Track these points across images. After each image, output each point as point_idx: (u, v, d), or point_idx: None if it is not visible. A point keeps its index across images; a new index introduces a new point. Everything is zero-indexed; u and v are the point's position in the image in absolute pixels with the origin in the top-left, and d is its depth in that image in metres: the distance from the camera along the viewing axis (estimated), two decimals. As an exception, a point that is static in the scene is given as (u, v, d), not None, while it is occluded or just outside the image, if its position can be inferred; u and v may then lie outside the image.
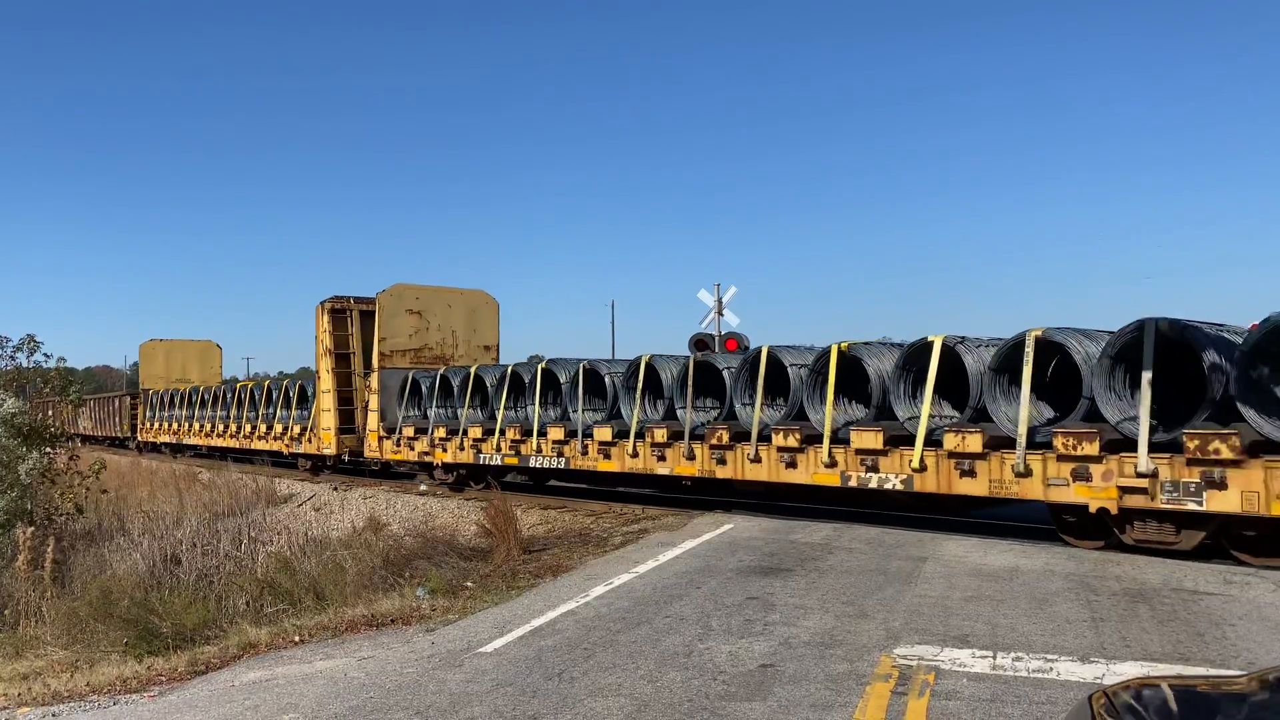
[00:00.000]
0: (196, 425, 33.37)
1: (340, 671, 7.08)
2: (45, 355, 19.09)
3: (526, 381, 17.97)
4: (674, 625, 7.71)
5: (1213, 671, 6.20)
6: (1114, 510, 10.43)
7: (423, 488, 20.28)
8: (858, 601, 8.30)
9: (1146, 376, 10.08)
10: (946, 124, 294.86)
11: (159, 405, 37.53)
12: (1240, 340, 10.01)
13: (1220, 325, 10.76)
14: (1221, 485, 9.55)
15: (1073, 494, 10.56)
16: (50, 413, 19.91)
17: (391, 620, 8.75)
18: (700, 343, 23.94)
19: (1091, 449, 10.42)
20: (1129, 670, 6.27)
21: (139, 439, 39.70)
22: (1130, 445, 10.21)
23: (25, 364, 18.43)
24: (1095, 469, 10.42)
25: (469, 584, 10.28)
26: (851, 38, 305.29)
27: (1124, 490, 10.23)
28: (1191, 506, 9.79)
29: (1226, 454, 9.50)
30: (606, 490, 18.44)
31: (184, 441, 34.83)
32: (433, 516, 17.47)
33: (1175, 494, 9.95)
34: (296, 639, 8.41)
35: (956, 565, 9.75)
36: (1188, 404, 10.40)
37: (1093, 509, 10.50)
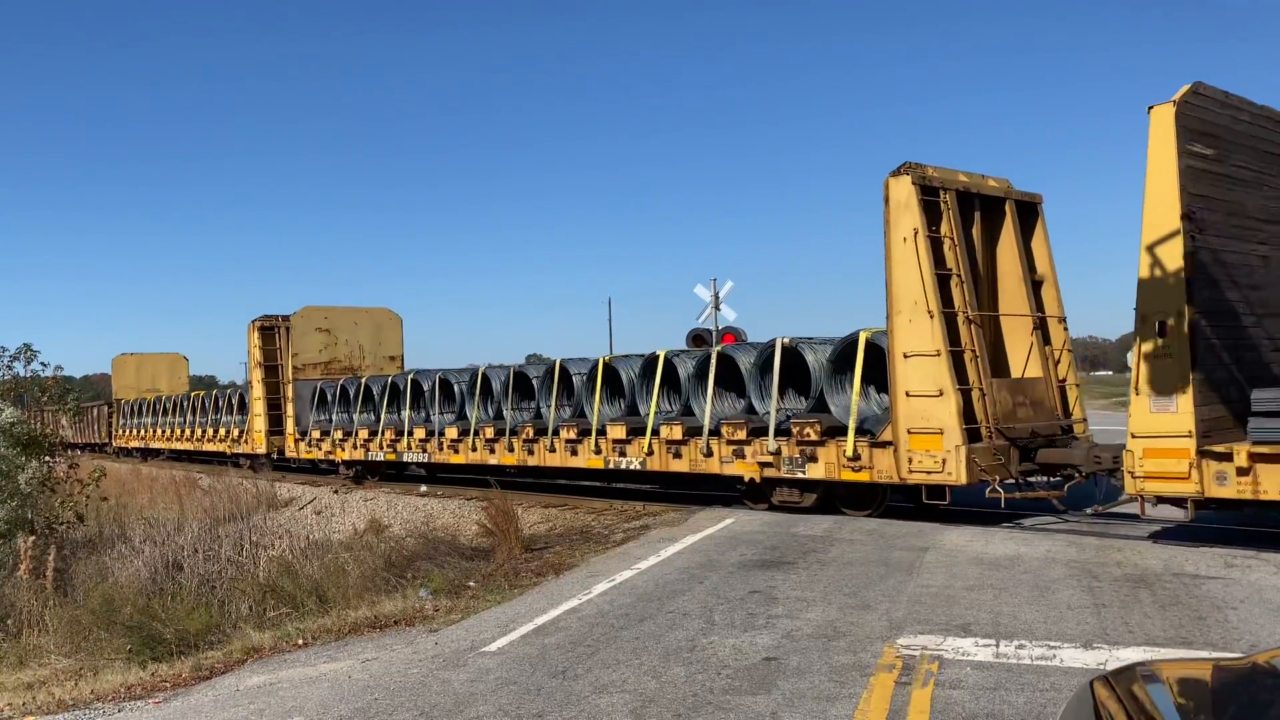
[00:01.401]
0: (161, 430, 36.82)
1: (344, 674, 7.08)
2: (42, 364, 19.06)
3: (402, 390, 21.50)
4: (677, 620, 7.71)
5: (1215, 655, 6.21)
6: (759, 479, 13.61)
7: (422, 489, 20.30)
8: (860, 593, 8.30)
9: (775, 379, 13.65)
10: (947, 124, 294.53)
11: (130, 414, 41.54)
12: (830, 350, 13.38)
13: (827, 339, 13.82)
14: (814, 459, 12.89)
15: (736, 469, 13.87)
16: (45, 419, 19.88)
17: (394, 621, 8.75)
18: (698, 338, 23.92)
19: (742, 435, 13.78)
20: (1132, 655, 6.28)
21: (114, 444, 43.10)
22: (782, 430, 13.41)
23: (23, 373, 18.40)
24: (747, 449, 13.69)
25: (471, 584, 10.28)
26: (851, 38, 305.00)
27: (763, 465, 13.46)
28: (800, 475, 13.07)
29: (813, 436, 12.87)
30: (473, 480, 19.94)
31: (150, 446, 38.08)
32: (434, 517, 17.46)
33: (791, 466, 13.27)
34: (300, 642, 8.41)
35: (958, 554, 9.77)
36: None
37: (747, 479, 13.75)
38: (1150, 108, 9.83)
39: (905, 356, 11.81)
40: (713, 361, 14.58)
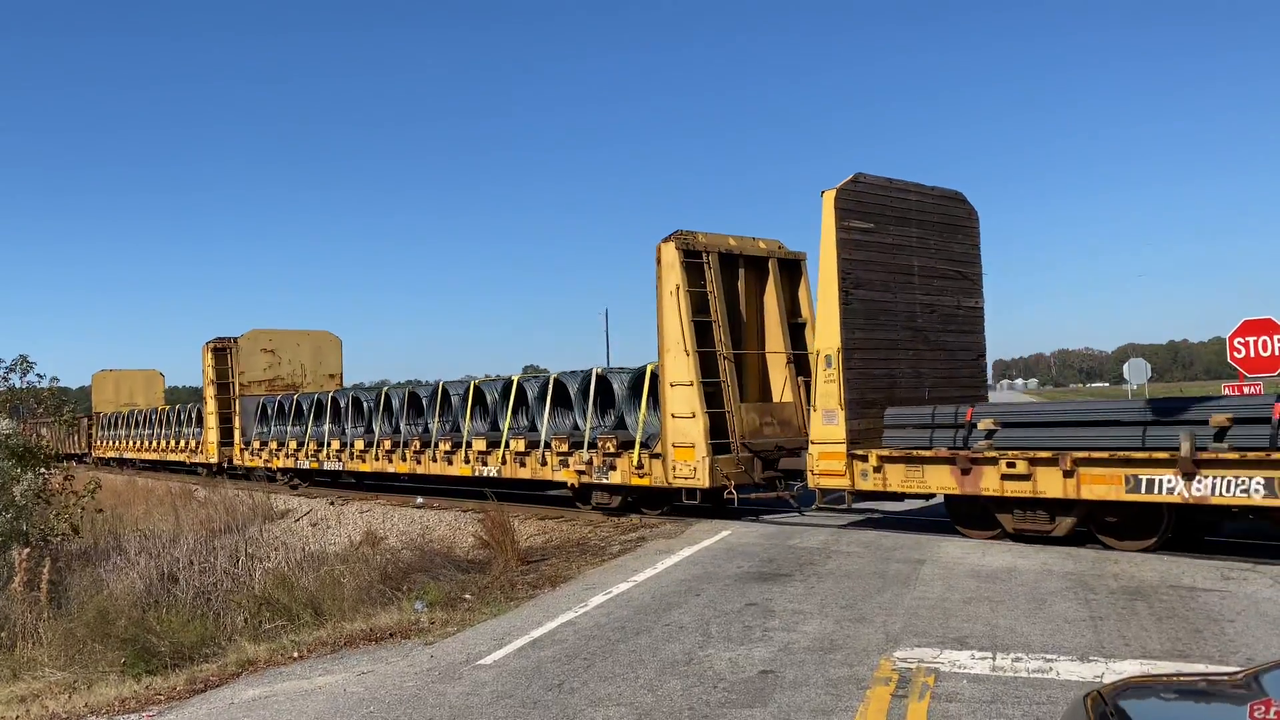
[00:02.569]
0: (133, 442, 39.88)
1: (339, 687, 7.06)
2: (39, 375, 19.02)
3: (325, 406, 24.49)
4: (673, 633, 7.70)
5: (1210, 669, 6.21)
6: (578, 484, 16.34)
7: (419, 501, 20.26)
8: (856, 605, 8.30)
9: (590, 402, 16.36)
10: (946, 123, 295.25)
11: (107, 425, 43.82)
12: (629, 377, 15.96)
13: (629, 368, 16.36)
14: (614, 467, 15.48)
15: (562, 475, 16.47)
16: (41, 431, 19.84)
17: (390, 634, 8.72)
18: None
19: (564, 448, 16.49)
20: (1128, 668, 6.28)
21: (93, 454, 44.87)
22: (594, 444, 15.97)
23: (19, 384, 18.36)
24: (570, 459, 16.30)
25: (467, 596, 10.25)
26: (850, 40, 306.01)
27: (580, 472, 16.10)
28: (606, 480, 15.70)
29: (612, 449, 15.49)
30: (400, 488, 23.81)
31: (125, 455, 40.56)
32: (430, 529, 17.42)
33: (599, 473, 15.80)
34: (295, 655, 8.37)
35: (954, 567, 9.76)
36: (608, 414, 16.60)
37: (569, 484, 16.45)
38: (822, 192, 12.43)
39: (671, 385, 14.42)
40: (550, 386, 17.55)
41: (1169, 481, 9.65)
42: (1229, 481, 9.37)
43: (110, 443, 43.03)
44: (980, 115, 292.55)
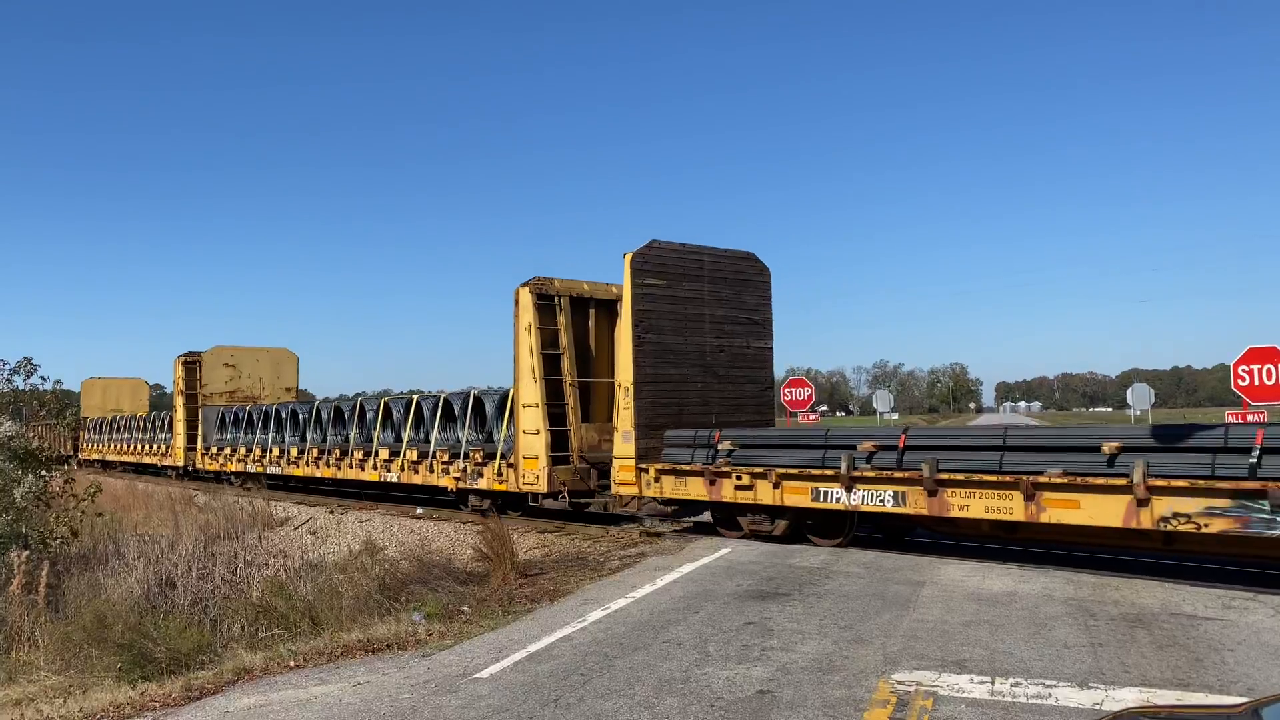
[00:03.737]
0: (115, 445, 43.26)
1: (335, 697, 7.04)
2: (42, 378, 19.07)
3: (270, 416, 27.67)
4: (671, 650, 7.67)
5: (1211, 699, 6.18)
6: (456, 489, 19.33)
7: (419, 511, 20.23)
8: (855, 626, 8.26)
9: (467, 418, 19.44)
10: (948, 126, 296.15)
11: (93, 430, 46.99)
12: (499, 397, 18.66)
13: (500, 389, 18.94)
14: (482, 475, 18.57)
15: (445, 481, 19.56)
16: (44, 433, 19.86)
17: (387, 645, 8.69)
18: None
19: (445, 457, 19.49)
20: (1129, 696, 6.25)
21: (80, 456, 47.10)
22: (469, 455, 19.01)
23: (22, 387, 18.40)
24: (450, 468, 19.33)
25: (465, 608, 10.22)
26: (851, 42, 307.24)
27: (458, 479, 19.14)
28: (476, 486, 18.67)
29: (479, 459, 18.60)
30: (332, 491, 26.16)
31: (108, 458, 43.55)
32: (429, 540, 17.39)
33: (472, 479, 18.84)
34: (291, 664, 8.35)
35: (954, 589, 9.72)
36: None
37: (450, 489, 19.54)
38: (624, 255, 15.12)
39: (523, 407, 17.14)
40: (440, 404, 20.30)
41: (837, 493, 12.33)
42: (872, 493, 12.04)
43: (95, 446, 45.72)
44: (982, 121, 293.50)
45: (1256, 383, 17.05)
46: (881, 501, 11.89)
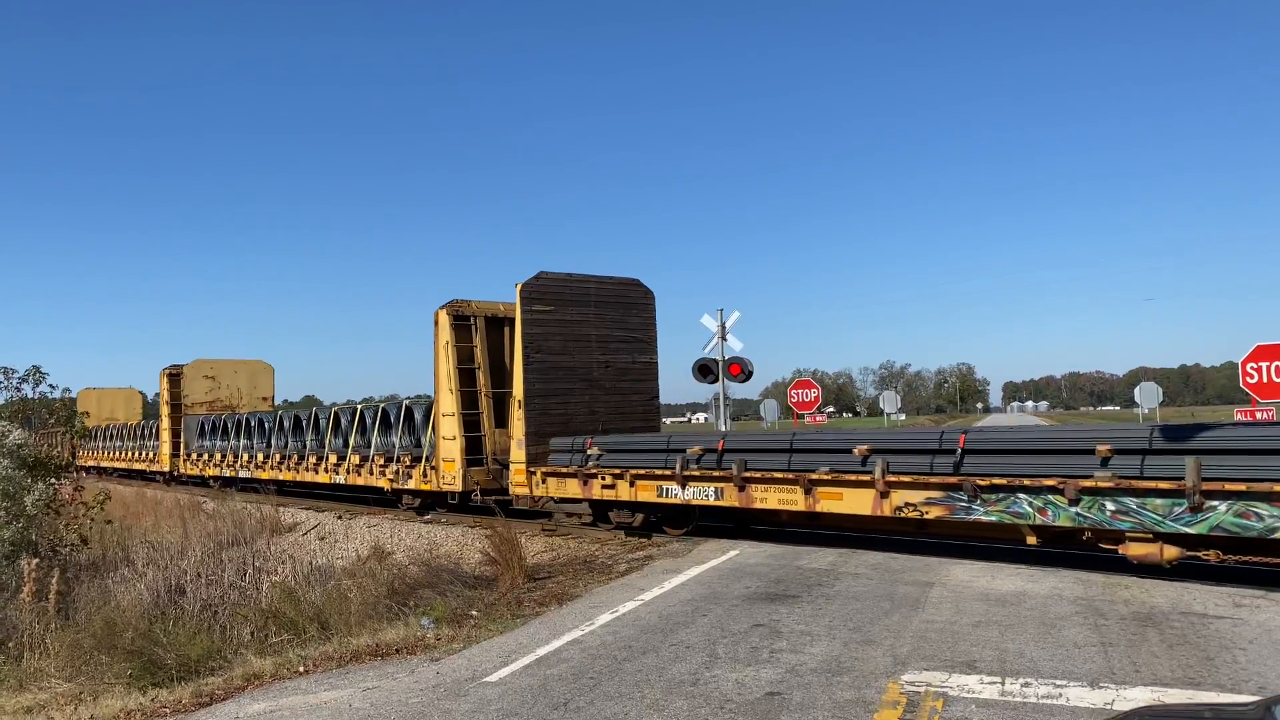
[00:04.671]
0: (109, 452, 45.91)
1: (345, 702, 7.05)
2: (51, 386, 19.11)
3: (241, 425, 30.43)
4: (680, 653, 7.67)
5: (1222, 698, 6.15)
6: (390, 489, 21.61)
7: (427, 516, 20.25)
8: (865, 628, 8.25)
9: (399, 426, 21.66)
10: (952, 128, 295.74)
11: (88, 438, 48.82)
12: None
13: (425, 398, 21.34)
14: (410, 476, 20.66)
15: (381, 482, 21.91)
16: (52, 441, 19.93)
17: (396, 650, 8.71)
18: (704, 368, 23.89)
19: (381, 461, 21.87)
20: (1139, 695, 6.23)
21: (76, 464, 48.56)
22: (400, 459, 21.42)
23: (31, 395, 18.45)
24: (386, 470, 21.64)
25: (474, 613, 10.23)
26: (854, 46, 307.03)
27: (392, 480, 21.39)
28: (406, 486, 20.96)
29: (408, 462, 20.87)
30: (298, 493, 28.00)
31: (102, 464, 45.67)
32: (437, 545, 17.40)
33: (403, 481, 21.00)
34: (301, 669, 8.36)
35: (963, 590, 9.70)
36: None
37: (385, 489, 21.85)
38: (516, 284, 17.03)
39: (443, 415, 19.11)
40: (378, 413, 22.91)
41: (675, 489, 14.15)
42: (700, 489, 13.88)
43: (90, 453, 47.54)
44: (988, 123, 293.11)
45: (1265, 380, 17.08)
46: (707, 496, 13.88)
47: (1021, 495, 10.54)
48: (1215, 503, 9.23)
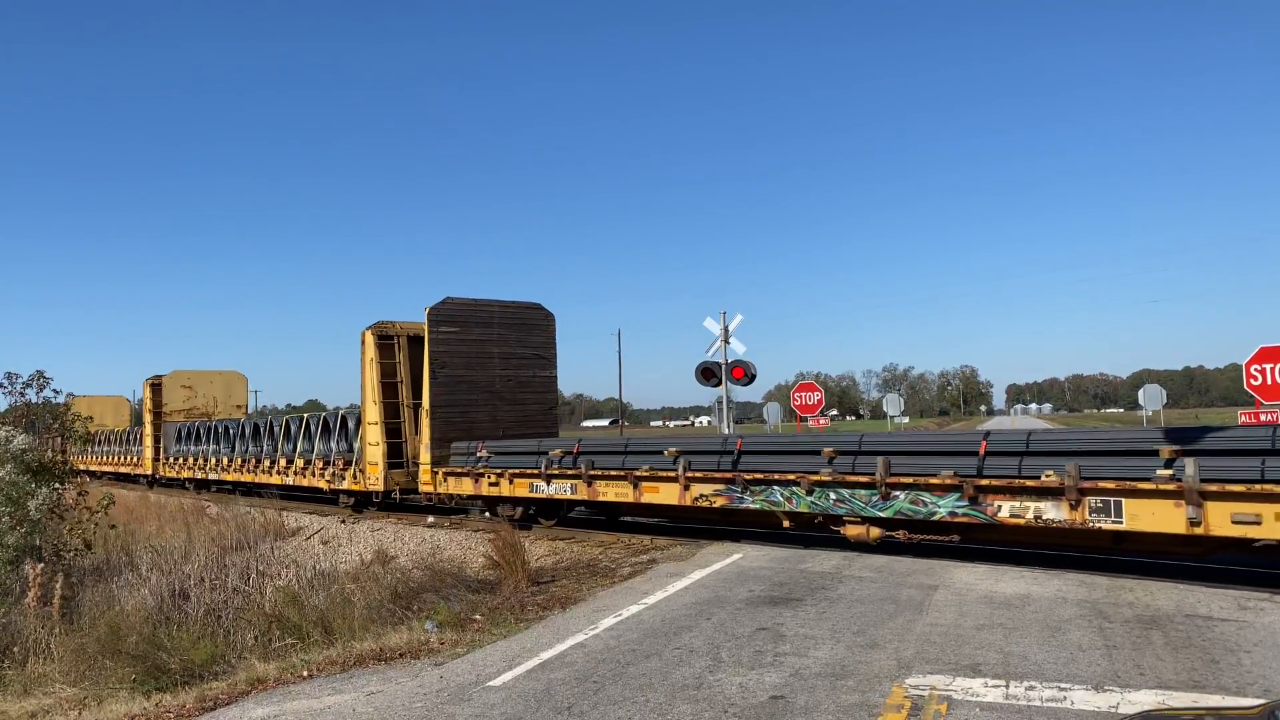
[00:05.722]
0: (96, 456, 48.33)
1: (348, 706, 7.05)
2: (54, 391, 19.17)
3: (211, 431, 33.65)
4: (684, 657, 7.66)
5: (1227, 701, 6.14)
6: (328, 489, 24.32)
7: (430, 520, 20.26)
8: (869, 631, 8.24)
9: (335, 432, 24.64)
10: (956, 130, 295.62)
11: (90, 442, 51.92)
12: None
13: (358, 407, 23.28)
14: (343, 477, 23.27)
15: (320, 483, 24.65)
16: (56, 445, 19.96)
17: (400, 654, 8.70)
18: (707, 371, 23.88)
19: (320, 464, 24.70)
20: (1144, 698, 6.22)
21: (69, 468, 51.12)
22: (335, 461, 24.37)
23: (35, 400, 18.50)
24: (324, 472, 24.33)
25: (477, 617, 10.23)
26: (856, 50, 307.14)
27: (329, 481, 23.99)
28: (340, 486, 23.52)
29: (341, 465, 23.51)
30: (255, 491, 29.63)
31: (90, 468, 46.93)
32: (440, 549, 17.40)
33: (338, 481, 23.68)
34: (305, 674, 8.36)
35: (967, 593, 9.68)
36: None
37: (325, 489, 24.57)
38: (425, 309, 19.53)
39: (369, 424, 21.77)
40: (320, 421, 25.72)
41: (542, 485, 16.57)
42: (560, 486, 16.27)
43: (80, 457, 50.77)
44: (991, 125, 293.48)
45: (1269, 381, 17.18)
46: (565, 491, 16.18)
47: (775, 487, 12.94)
48: (898, 493, 11.67)
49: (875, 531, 12.04)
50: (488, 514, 18.93)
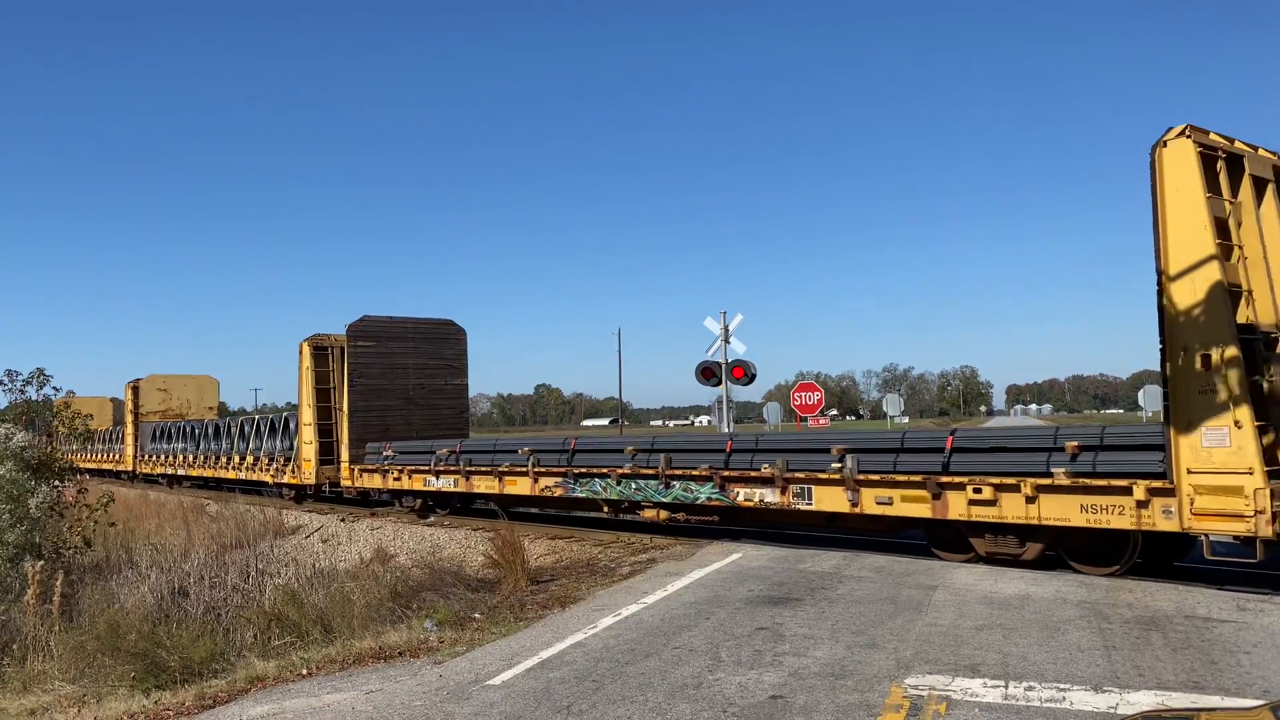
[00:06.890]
0: (83, 455, 48.67)
1: (348, 705, 7.05)
2: (54, 389, 19.17)
3: (181, 431, 36.89)
4: (683, 656, 7.66)
5: (1226, 702, 6.14)
6: (273, 483, 27.17)
7: (430, 519, 20.26)
8: (868, 631, 8.24)
9: (280, 432, 27.59)
10: (956, 127, 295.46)
11: (64, 441, 51.52)
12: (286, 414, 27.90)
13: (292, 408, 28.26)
14: (285, 473, 26.35)
15: (266, 478, 27.60)
16: (55, 443, 19.99)
17: (399, 653, 8.71)
18: (707, 370, 23.88)
19: (266, 461, 27.68)
20: (1143, 699, 6.22)
21: None
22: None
23: (35, 397, 18.50)
24: (269, 468, 27.43)
25: (477, 615, 10.23)
26: (858, 51, 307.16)
27: (273, 475, 26.99)
28: (284, 480, 26.45)
29: (282, 462, 26.82)
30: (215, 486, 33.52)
31: (77, 465, 47.88)
32: (440, 547, 17.41)
33: (280, 476, 26.64)
34: (304, 672, 8.37)
35: (967, 593, 9.69)
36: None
37: (270, 482, 27.51)
38: (345, 325, 22.40)
39: (304, 425, 24.61)
40: (269, 421, 28.76)
41: (433, 480, 19.37)
42: (446, 480, 19.09)
43: (69, 455, 50.97)
44: (990, 123, 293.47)
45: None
46: (451, 484, 18.85)
47: (596, 479, 15.68)
48: (675, 483, 14.43)
49: (664, 514, 14.68)
50: (395, 504, 21.90)
